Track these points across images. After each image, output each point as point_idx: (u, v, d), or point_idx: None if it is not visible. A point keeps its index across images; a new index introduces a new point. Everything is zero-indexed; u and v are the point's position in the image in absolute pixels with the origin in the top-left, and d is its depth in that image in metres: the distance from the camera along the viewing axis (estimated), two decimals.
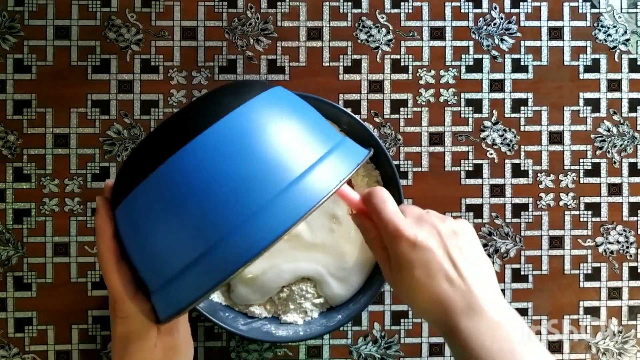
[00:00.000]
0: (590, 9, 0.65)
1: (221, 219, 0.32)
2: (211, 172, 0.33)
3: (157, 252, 0.35)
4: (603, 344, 0.65)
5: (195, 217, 0.33)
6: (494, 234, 0.64)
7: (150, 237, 0.35)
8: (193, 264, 0.33)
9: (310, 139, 0.36)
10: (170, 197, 0.33)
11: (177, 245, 0.33)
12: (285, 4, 0.64)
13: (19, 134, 0.62)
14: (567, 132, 0.65)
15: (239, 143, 0.33)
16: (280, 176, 0.33)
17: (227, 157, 0.33)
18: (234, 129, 0.34)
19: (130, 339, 0.39)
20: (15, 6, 0.62)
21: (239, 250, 0.32)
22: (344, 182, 0.34)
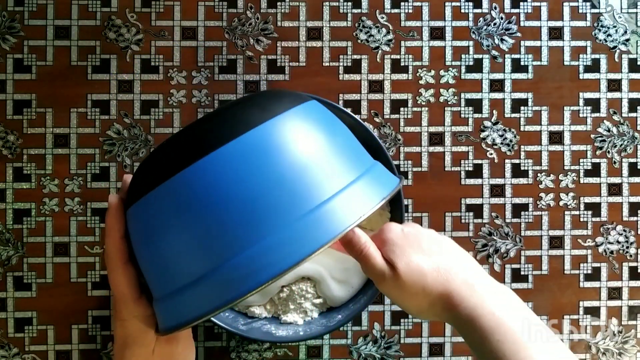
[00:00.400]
0: (590, 9, 0.65)
1: (235, 237, 0.31)
2: (230, 187, 0.31)
3: (165, 260, 0.33)
4: (603, 344, 0.65)
5: (210, 231, 0.31)
6: (494, 234, 0.64)
7: (160, 243, 0.33)
8: (201, 279, 0.31)
9: (338, 163, 0.34)
10: (187, 206, 0.32)
11: (187, 257, 0.32)
12: (285, 4, 0.64)
13: (19, 134, 0.62)
14: (567, 132, 0.65)
15: (263, 160, 0.31)
16: (301, 201, 0.31)
17: (248, 173, 0.31)
18: (258, 145, 0.32)
19: (128, 343, 0.39)
20: (15, 6, 0.62)
21: (249, 274, 0.30)
22: (367, 216, 0.32)
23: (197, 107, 0.63)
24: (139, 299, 0.37)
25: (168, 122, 0.63)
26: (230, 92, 0.63)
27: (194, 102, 0.63)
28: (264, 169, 0.31)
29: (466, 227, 0.64)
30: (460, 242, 0.64)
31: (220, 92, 0.63)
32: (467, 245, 0.64)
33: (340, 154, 0.35)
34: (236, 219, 0.31)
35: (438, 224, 0.64)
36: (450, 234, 0.64)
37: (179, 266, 0.32)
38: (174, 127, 0.63)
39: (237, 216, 0.31)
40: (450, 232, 0.64)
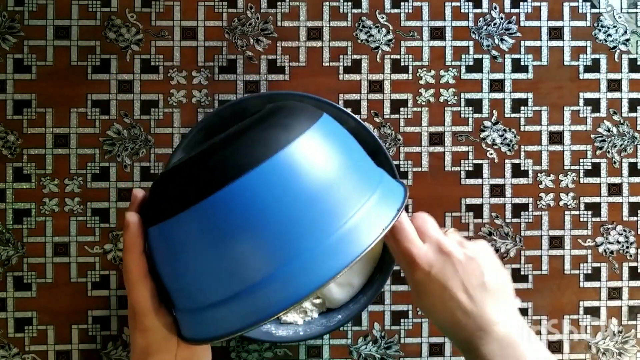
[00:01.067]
0: (590, 9, 0.65)
1: (268, 258, 0.32)
2: (262, 210, 0.32)
3: (191, 280, 0.34)
4: (603, 344, 0.65)
5: (243, 253, 0.32)
6: (494, 234, 0.64)
7: (186, 264, 0.34)
8: (233, 298, 0.32)
9: (357, 179, 0.35)
10: (218, 229, 0.32)
11: (219, 277, 0.33)
12: (285, 4, 0.64)
13: (19, 134, 0.62)
14: (567, 132, 0.65)
15: (291, 182, 0.32)
16: (329, 220, 0.32)
17: (276, 198, 0.32)
18: (286, 167, 0.33)
19: (150, 352, 0.39)
20: (15, 6, 0.62)
21: (278, 296, 0.31)
22: (387, 229, 0.34)
23: (197, 107, 0.63)
24: (160, 309, 0.38)
25: (168, 122, 0.63)
26: (230, 92, 0.63)
27: (194, 102, 0.63)
28: (293, 190, 0.32)
29: (466, 227, 0.64)
30: None
31: (220, 92, 0.63)
32: None
33: (358, 169, 0.36)
34: (268, 240, 0.32)
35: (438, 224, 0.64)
36: None
37: (209, 285, 0.33)
38: (174, 127, 0.63)
39: (269, 238, 0.32)
40: None
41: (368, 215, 0.33)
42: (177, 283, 0.36)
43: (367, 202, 0.34)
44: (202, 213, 0.32)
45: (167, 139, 0.63)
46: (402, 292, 0.64)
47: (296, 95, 0.58)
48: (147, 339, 0.39)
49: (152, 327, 0.38)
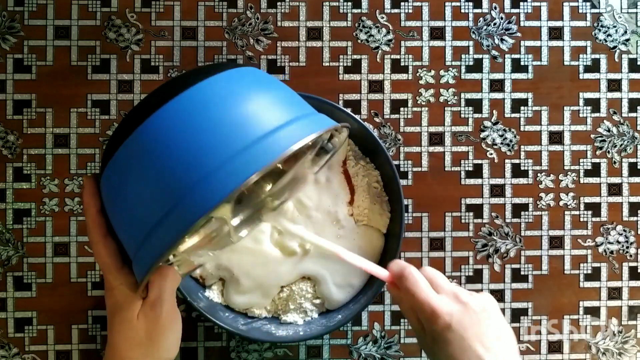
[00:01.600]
0: (590, 9, 0.65)
1: (184, 175, 0.33)
2: (176, 134, 0.34)
3: (130, 215, 0.36)
4: (603, 344, 0.65)
5: (161, 176, 0.34)
6: (494, 234, 0.64)
7: (124, 200, 0.36)
8: (159, 222, 0.34)
9: (278, 107, 0.37)
10: (140, 157, 0.35)
11: (146, 205, 0.35)
12: (285, 4, 0.64)
13: (19, 134, 0.62)
14: (567, 132, 0.65)
15: (205, 108, 0.35)
16: (244, 135, 0.34)
17: (192, 119, 0.35)
18: (201, 96, 0.36)
19: (115, 310, 0.42)
20: (15, 6, 0.62)
21: (199, 203, 0.33)
22: (310, 139, 0.35)
23: None
24: (122, 268, 0.40)
25: None
26: None
27: None
28: (209, 113, 0.35)
29: (466, 227, 0.64)
30: (460, 242, 0.64)
31: None
32: (467, 245, 0.64)
33: (282, 100, 0.38)
34: (185, 158, 0.34)
35: (438, 224, 0.64)
36: (450, 234, 0.64)
37: (142, 216, 0.35)
38: None
39: (185, 156, 0.34)
40: (450, 232, 0.64)
41: (290, 131, 0.35)
42: (121, 227, 0.38)
43: (291, 123, 0.36)
44: (128, 149, 0.35)
45: None
46: None
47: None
48: (112, 298, 0.42)
49: (115, 286, 0.41)
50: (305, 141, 0.35)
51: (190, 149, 0.34)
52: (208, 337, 0.63)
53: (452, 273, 0.64)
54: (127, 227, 0.37)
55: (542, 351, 0.65)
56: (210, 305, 0.58)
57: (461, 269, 0.64)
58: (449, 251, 0.64)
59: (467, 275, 0.64)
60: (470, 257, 0.64)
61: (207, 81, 0.37)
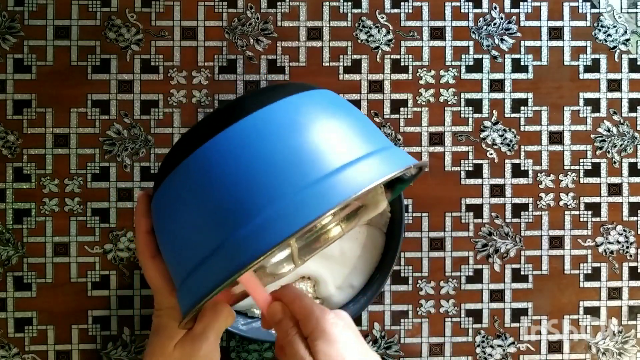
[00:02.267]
0: (590, 9, 0.65)
1: (241, 208, 0.31)
2: (235, 161, 0.32)
3: (180, 243, 0.34)
4: (603, 344, 0.65)
5: (218, 205, 0.32)
6: (494, 234, 0.64)
7: (175, 226, 0.34)
8: (210, 255, 0.32)
9: (348, 138, 0.34)
10: (195, 184, 0.33)
11: (198, 234, 0.33)
12: (285, 4, 0.64)
13: (19, 134, 0.62)
14: (567, 132, 0.65)
15: (267, 135, 0.32)
16: (306, 171, 0.31)
17: (252, 148, 0.32)
18: (262, 122, 0.33)
19: (157, 331, 0.40)
20: (15, 6, 0.62)
21: (253, 242, 0.30)
22: (381, 181, 0.32)
23: (197, 107, 0.63)
24: (174, 291, 0.37)
25: (168, 122, 0.63)
26: (230, 92, 0.63)
27: (194, 102, 0.63)
28: (268, 143, 0.32)
29: (466, 227, 0.64)
30: (460, 242, 0.64)
31: (220, 92, 0.63)
32: (467, 245, 0.64)
33: (356, 130, 0.35)
34: (241, 191, 0.31)
35: (438, 224, 0.64)
36: (450, 234, 0.64)
37: (191, 246, 0.33)
38: (174, 127, 0.63)
39: (242, 188, 0.31)
40: (450, 232, 0.64)
41: (354, 173, 0.32)
42: (170, 253, 0.36)
43: (359, 160, 0.32)
44: (183, 171, 0.33)
45: (167, 139, 0.63)
46: (402, 292, 0.64)
47: None
48: (158, 318, 0.40)
49: (161, 307, 0.39)
50: (379, 181, 0.32)
51: (252, 178, 0.31)
52: None
53: (452, 273, 0.64)
54: (175, 254, 0.35)
55: (542, 351, 0.65)
56: None
57: (461, 269, 0.64)
58: (449, 251, 0.64)
59: (467, 275, 0.64)
60: (470, 257, 0.64)
61: (279, 103, 0.34)
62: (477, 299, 0.64)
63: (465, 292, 0.64)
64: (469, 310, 0.64)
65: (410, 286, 0.64)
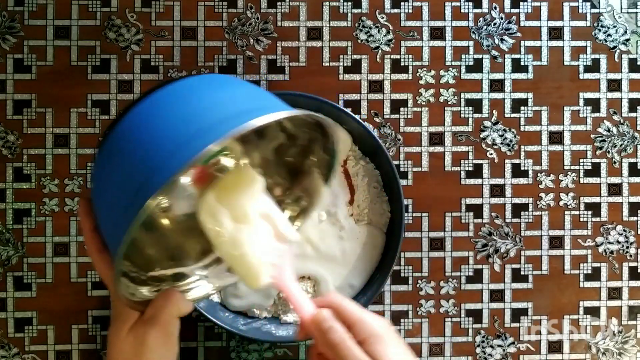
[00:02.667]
0: (590, 9, 0.65)
1: (142, 165, 0.34)
2: (135, 133, 0.36)
3: (109, 216, 0.37)
4: (603, 344, 0.65)
5: (128, 170, 0.35)
6: (494, 234, 0.64)
7: (103, 201, 0.37)
8: (127, 206, 0.35)
9: (235, 100, 0.38)
10: (109, 164, 0.37)
11: (116, 205, 0.36)
12: (285, 4, 0.64)
13: (19, 134, 0.62)
14: (567, 132, 0.65)
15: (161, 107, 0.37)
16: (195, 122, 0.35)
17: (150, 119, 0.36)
18: (159, 98, 0.37)
19: (113, 320, 0.42)
20: (15, 6, 0.62)
21: (155, 178, 0.33)
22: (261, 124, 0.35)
23: None
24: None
25: None
26: None
27: None
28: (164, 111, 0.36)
29: (466, 227, 0.64)
30: (460, 242, 0.64)
31: None
32: (467, 245, 0.64)
33: (245, 92, 0.39)
34: (144, 152, 0.35)
35: (438, 224, 0.64)
36: (450, 234, 0.64)
37: (116, 204, 0.36)
38: None
39: (144, 150, 0.35)
40: (450, 232, 0.64)
41: (244, 117, 0.35)
42: (108, 237, 0.38)
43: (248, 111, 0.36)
44: (104, 152, 0.37)
45: None
46: (402, 292, 0.64)
47: (296, 95, 0.58)
48: (114, 308, 0.42)
49: (115, 297, 0.41)
50: (262, 121, 0.34)
51: (150, 143, 0.35)
52: (208, 337, 0.63)
53: (452, 273, 0.64)
54: (108, 229, 0.38)
55: (542, 351, 0.65)
56: (210, 305, 0.58)
57: (461, 269, 0.64)
58: (449, 251, 0.64)
59: (467, 275, 0.64)
60: (470, 257, 0.64)
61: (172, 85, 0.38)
62: (477, 299, 0.64)
63: (465, 292, 0.64)
64: (469, 310, 0.64)
65: (410, 286, 0.64)
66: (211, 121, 0.35)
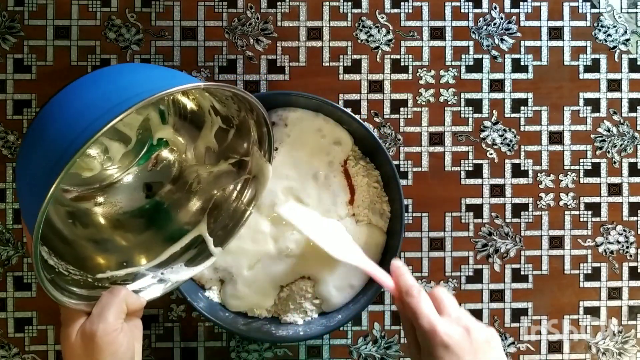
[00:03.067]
0: (590, 9, 0.65)
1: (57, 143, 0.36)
2: (49, 119, 0.39)
3: (28, 214, 0.39)
4: (603, 344, 0.65)
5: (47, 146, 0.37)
6: (494, 234, 0.64)
7: (23, 196, 0.40)
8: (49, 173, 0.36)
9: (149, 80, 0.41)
10: (26, 155, 0.39)
11: (34, 192, 0.37)
12: (285, 4, 0.64)
13: (19, 134, 0.62)
14: (567, 132, 0.65)
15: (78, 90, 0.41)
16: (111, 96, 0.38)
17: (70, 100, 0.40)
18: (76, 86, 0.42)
19: (62, 325, 0.42)
20: (15, 6, 0.62)
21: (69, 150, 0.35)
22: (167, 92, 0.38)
23: None
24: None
25: None
26: None
27: None
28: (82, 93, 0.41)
29: (466, 227, 0.64)
30: (460, 242, 0.64)
31: None
32: (467, 245, 0.64)
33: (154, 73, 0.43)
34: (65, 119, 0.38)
35: (438, 224, 0.64)
36: (450, 234, 0.64)
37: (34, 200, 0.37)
38: None
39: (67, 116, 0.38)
40: (450, 232, 0.64)
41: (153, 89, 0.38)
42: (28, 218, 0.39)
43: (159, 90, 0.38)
44: (23, 144, 0.40)
45: None
46: None
47: (296, 95, 0.58)
48: (62, 313, 0.42)
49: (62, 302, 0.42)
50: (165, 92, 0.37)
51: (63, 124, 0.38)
52: (208, 337, 0.63)
53: (452, 273, 0.64)
54: (28, 219, 0.39)
55: (542, 351, 0.65)
56: (210, 305, 0.58)
57: (461, 269, 0.64)
58: (449, 251, 0.64)
59: (467, 275, 0.64)
60: (470, 257, 0.64)
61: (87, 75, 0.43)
62: (477, 299, 0.64)
63: (465, 292, 0.64)
64: (469, 310, 0.64)
65: None
66: (122, 98, 0.37)
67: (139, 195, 0.54)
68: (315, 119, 0.59)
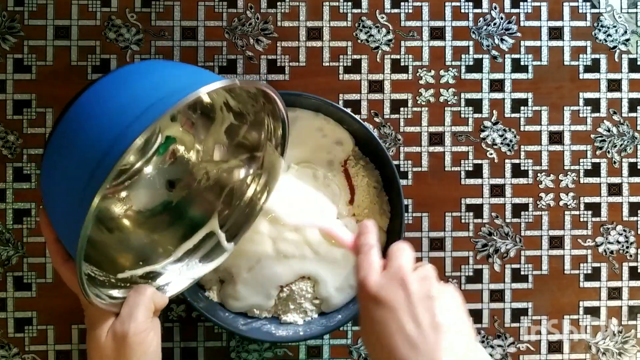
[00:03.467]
0: (590, 9, 0.65)
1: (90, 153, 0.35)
2: (77, 128, 0.36)
3: (63, 231, 0.38)
4: (603, 344, 0.65)
5: (78, 155, 0.36)
6: (494, 234, 0.64)
7: (54, 211, 0.38)
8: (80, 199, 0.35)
9: (175, 78, 0.39)
10: (54, 163, 0.37)
11: (68, 208, 0.36)
12: (285, 4, 0.64)
13: (19, 134, 0.62)
14: (567, 132, 0.65)
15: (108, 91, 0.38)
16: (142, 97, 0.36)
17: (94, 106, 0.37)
18: (106, 84, 0.38)
19: (90, 329, 0.42)
20: (15, 6, 0.62)
21: (109, 161, 0.34)
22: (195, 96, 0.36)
23: None
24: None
25: None
26: None
27: None
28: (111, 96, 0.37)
29: (466, 227, 0.64)
30: (460, 242, 0.64)
31: None
32: (467, 245, 0.64)
33: (179, 74, 0.40)
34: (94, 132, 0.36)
35: (438, 224, 0.64)
36: (450, 234, 0.64)
37: (69, 219, 0.36)
38: None
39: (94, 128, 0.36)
40: (450, 232, 0.64)
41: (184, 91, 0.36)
42: (64, 240, 0.39)
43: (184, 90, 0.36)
44: (50, 149, 0.38)
45: None
46: None
47: (296, 95, 0.58)
48: (87, 317, 0.42)
49: (87, 305, 0.42)
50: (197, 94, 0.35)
51: (92, 134, 0.35)
52: (208, 337, 0.63)
53: (452, 273, 0.64)
54: (64, 236, 0.38)
55: (542, 351, 0.65)
56: (210, 305, 0.58)
57: (461, 269, 0.64)
58: (449, 251, 0.64)
59: (467, 275, 0.64)
60: (470, 257, 0.64)
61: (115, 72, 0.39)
62: (477, 299, 0.64)
63: (465, 292, 0.64)
64: (469, 309, 0.64)
65: None
66: (150, 102, 0.35)
67: (158, 192, 0.53)
68: (315, 118, 0.59)
